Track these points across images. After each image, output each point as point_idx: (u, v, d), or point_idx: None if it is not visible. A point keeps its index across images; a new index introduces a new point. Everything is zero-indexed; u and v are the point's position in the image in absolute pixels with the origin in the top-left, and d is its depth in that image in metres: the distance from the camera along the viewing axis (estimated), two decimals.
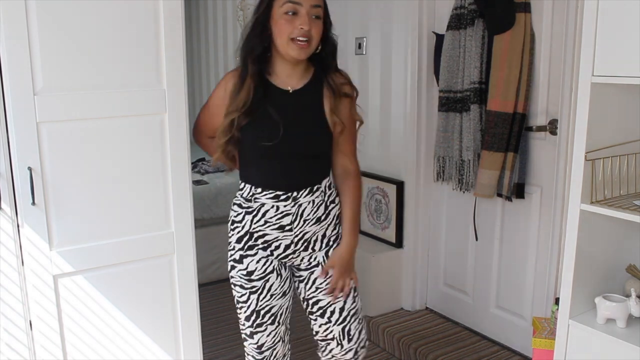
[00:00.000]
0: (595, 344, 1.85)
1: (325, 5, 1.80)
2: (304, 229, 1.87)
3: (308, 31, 1.71)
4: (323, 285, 1.93)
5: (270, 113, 1.77)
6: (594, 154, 1.78)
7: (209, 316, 3.27)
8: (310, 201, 1.85)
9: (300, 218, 1.85)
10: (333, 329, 1.95)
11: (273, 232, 1.86)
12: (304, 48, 1.73)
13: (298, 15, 1.71)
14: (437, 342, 2.94)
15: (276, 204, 1.84)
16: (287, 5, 1.70)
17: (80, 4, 1.78)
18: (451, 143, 2.88)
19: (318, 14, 1.74)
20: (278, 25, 1.73)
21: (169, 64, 1.95)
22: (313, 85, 1.84)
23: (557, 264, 2.58)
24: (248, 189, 1.88)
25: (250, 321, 1.92)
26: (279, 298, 1.91)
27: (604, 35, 1.71)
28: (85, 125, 1.87)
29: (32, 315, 1.88)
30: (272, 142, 1.76)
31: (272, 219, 1.85)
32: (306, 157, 1.84)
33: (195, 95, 5.32)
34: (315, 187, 1.86)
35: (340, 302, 1.93)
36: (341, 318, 1.94)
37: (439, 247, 3.22)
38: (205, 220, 3.75)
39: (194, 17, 5.17)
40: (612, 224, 1.87)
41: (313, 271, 1.93)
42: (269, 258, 1.90)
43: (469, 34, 2.70)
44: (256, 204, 1.86)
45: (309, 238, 1.89)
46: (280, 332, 1.96)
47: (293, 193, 1.83)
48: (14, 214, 1.81)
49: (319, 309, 1.95)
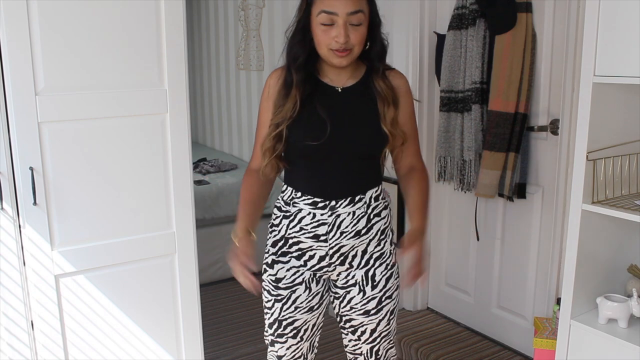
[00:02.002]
0: (596, 344, 1.85)
1: (371, 4, 1.66)
2: (341, 241, 1.73)
3: (345, 42, 1.58)
4: (358, 307, 1.80)
5: (318, 111, 1.66)
6: (595, 154, 1.78)
7: (210, 316, 3.27)
8: (350, 212, 1.71)
9: (337, 229, 1.72)
10: (362, 347, 1.86)
11: (307, 241, 1.74)
12: (345, 56, 1.62)
13: (334, 26, 1.58)
14: (438, 342, 2.94)
15: (313, 211, 1.72)
16: (322, 15, 1.58)
17: (81, 5, 1.78)
18: (452, 143, 2.87)
19: (358, 20, 1.60)
20: (316, 34, 1.62)
21: (171, 64, 1.95)
22: (364, 84, 1.72)
23: (558, 264, 2.58)
24: (289, 192, 1.77)
25: (272, 329, 1.83)
26: (303, 312, 1.79)
27: (605, 36, 1.71)
28: (87, 125, 1.87)
29: (34, 315, 1.89)
30: (319, 142, 1.64)
31: (307, 226, 1.73)
32: (351, 161, 1.71)
33: (197, 95, 5.32)
34: (358, 198, 1.72)
35: (373, 324, 1.81)
36: (371, 338, 1.84)
37: (440, 247, 3.22)
38: (206, 221, 3.75)
39: (195, 17, 5.17)
40: (614, 224, 1.87)
41: (349, 290, 1.79)
42: (300, 269, 1.77)
43: (470, 34, 2.70)
44: (294, 209, 1.74)
45: (347, 252, 1.75)
46: (303, 349, 1.85)
47: (331, 202, 1.70)
48: (16, 214, 1.81)
49: (351, 327, 1.85)
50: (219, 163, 4.30)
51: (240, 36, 4.41)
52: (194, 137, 4.90)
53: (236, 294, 3.72)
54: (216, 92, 5.00)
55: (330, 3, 1.56)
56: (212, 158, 4.49)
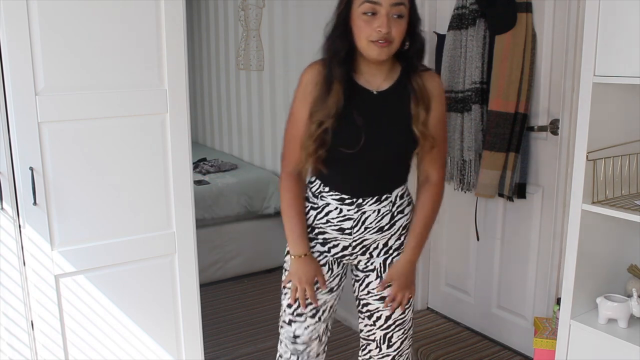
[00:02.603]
0: (596, 344, 1.85)
1: (412, 1, 1.66)
2: (364, 236, 1.80)
3: (387, 33, 1.58)
4: (375, 292, 1.87)
5: (354, 117, 1.68)
6: (595, 154, 1.78)
7: (210, 316, 3.27)
8: (376, 210, 1.77)
9: (362, 225, 1.78)
10: (376, 332, 1.91)
11: (333, 232, 1.81)
12: (384, 47, 1.61)
13: (377, 16, 1.58)
14: (438, 342, 2.94)
15: (340, 206, 1.77)
16: (365, 5, 1.58)
17: (81, 5, 1.78)
18: (452, 143, 2.87)
19: (400, 12, 1.60)
20: (357, 25, 1.61)
21: (171, 64, 1.95)
22: (399, 86, 1.72)
23: (558, 264, 2.58)
24: (317, 185, 1.81)
25: (291, 309, 1.86)
26: (324, 292, 1.85)
27: (605, 36, 1.71)
28: (87, 125, 1.87)
29: (34, 315, 1.89)
30: (352, 150, 1.68)
31: (334, 219, 1.79)
32: (382, 163, 1.75)
33: (197, 95, 5.32)
34: (384, 197, 1.78)
35: (387, 311, 1.87)
36: (385, 325, 1.89)
37: (440, 247, 3.22)
38: (206, 220, 3.75)
39: (195, 17, 5.17)
40: (614, 224, 1.87)
41: (368, 274, 1.87)
42: (324, 253, 1.84)
43: (470, 34, 2.70)
44: (322, 202, 1.79)
45: (369, 245, 1.83)
46: (319, 330, 1.89)
47: (358, 200, 1.76)
48: (16, 214, 1.81)
49: (367, 312, 1.90)
50: (219, 163, 4.29)
51: (240, 36, 4.41)
52: (194, 137, 4.89)
53: (236, 294, 3.73)
54: (216, 92, 5.00)
55: None
56: (212, 158, 4.49)
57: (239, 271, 3.95)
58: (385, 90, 1.72)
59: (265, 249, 3.97)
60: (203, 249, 3.20)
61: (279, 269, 3.92)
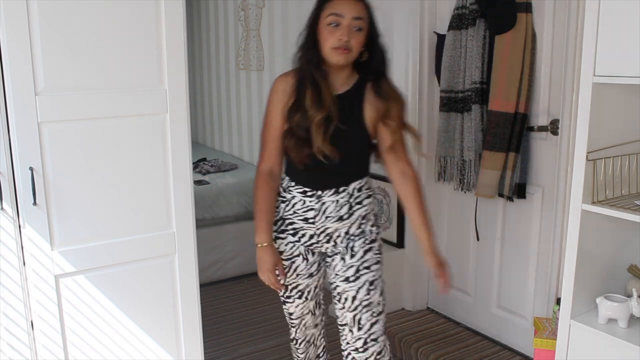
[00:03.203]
0: (596, 344, 1.85)
1: (371, 16, 1.92)
2: (325, 224, 2.01)
3: (347, 42, 1.84)
4: (340, 273, 2.05)
5: None
6: (595, 154, 1.78)
7: (210, 316, 3.27)
8: (334, 201, 1.99)
9: (323, 214, 2.00)
10: (346, 315, 2.06)
11: (299, 222, 2.03)
12: (344, 54, 1.86)
13: (340, 27, 1.85)
14: (438, 342, 2.94)
15: (303, 198, 2.01)
16: (331, 17, 1.85)
17: (81, 4, 1.78)
18: (452, 143, 2.88)
19: (359, 26, 1.86)
20: (322, 36, 1.87)
21: (171, 64, 1.95)
22: (355, 90, 1.96)
23: (558, 264, 2.58)
24: (286, 181, 2.05)
25: (281, 292, 2.15)
26: (305, 278, 2.10)
27: (605, 36, 1.71)
28: (87, 125, 1.87)
29: (34, 315, 1.89)
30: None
31: (299, 210, 2.02)
32: (339, 160, 1.93)
33: (197, 95, 5.33)
34: (342, 189, 1.99)
35: (352, 291, 2.03)
36: (353, 306, 2.04)
37: (440, 247, 3.21)
38: (206, 221, 3.75)
39: (196, 17, 5.17)
40: (614, 224, 1.87)
41: (334, 258, 2.07)
42: (295, 244, 2.06)
43: (470, 34, 2.70)
44: (289, 195, 2.03)
45: (331, 233, 2.03)
46: (309, 306, 2.19)
47: (317, 192, 1.98)
48: (16, 214, 1.81)
49: (337, 294, 2.08)
50: (219, 163, 4.30)
51: (240, 36, 4.41)
52: (194, 137, 4.90)
53: (236, 294, 3.72)
54: (216, 92, 5.00)
55: (339, 7, 1.85)
56: (212, 158, 4.49)
57: (239, 271, 3.95)
58: (342, 93, 1.95)
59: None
60: (203, 249, 3.20)
61: None
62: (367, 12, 1.90)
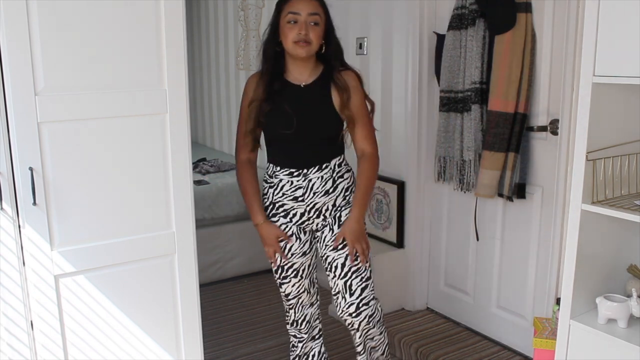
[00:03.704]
0: (596, 344, 1.85)
1: (326, 11, 2.14)
2: (314, 200, 2.22)
3: (306, 35, 2.07)
4: (329, 243, 2.25)
5: (285, 107, 2.14)
6: (595, 154, 1.78)
7: (210, 316, 3.28)
8: (319, 177, 2.20)
9: (310, 191, 2.21)
10: (338, 283, 2.26)
11: (289, 202, 2.23)
12: (305, 47, 2.09)
13: (297, 23, 2.08)
14: (438, 342, 2.95)
15: (290, 179, 2.21)
16: (289, 15, 2.09)
17: (81, 4, 1.78)
18: (452, 143, 2.88)
19: (315, 20, 2.09)
20: (283, 32, 2.11)
21: (170, 64, 1.95)
22: (321, 80, 2.19)
23: (558, 264, 2.58)
24: (271, 167, 2.26)
25: (277, 274, 2.34)
26: (299, 257, 2.30)
27: (604, 36, 1.71)
28: (86, 125, 1.87)
29: (34, 315, 1.89)
30: (289, 130, 2.14)
31: (288, 191, 2.22)
32: (316, 140, 2.19)
33: (196, 95, 5.32)
34: (324, 165, 2.21)
35: (341, 258, 2.23)
36: (342, 273, 2.24)
37: (440, 247, 3.22)
38: (206, 220, 3.75)
39: (195, 17, 5.17)
40: (613, 224, 1.87)
41: (323, 231, 2.28)
42: (288, 224, 2.27)
43: (470, 34, 2.70)
44: (276, 179, 2.24)
45: (320, 207, 2.24)
46: (305, 285, 2.37)
47: (303, 170, 2.19)
48: (15, 214, 1.81)
49: (328, 265, 2.27)
50: (218, 163, 4.30)
51: (240, 36, 4.41)
52: (194, 137, 4.90)
53: (236, 294, 3.73)
54: (216, 92, 5.00)
55: (295, 6, 2.08)
56: (211, 158, 4.49)
57: (239, 271, 3.95)
58: (309, 84, 2.19)
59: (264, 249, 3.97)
60: (203, 249, 3.21)
61: None
62: (322, 8, 2.12)
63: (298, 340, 2.50)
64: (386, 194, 3.31)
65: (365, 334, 2.33)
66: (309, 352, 2.53)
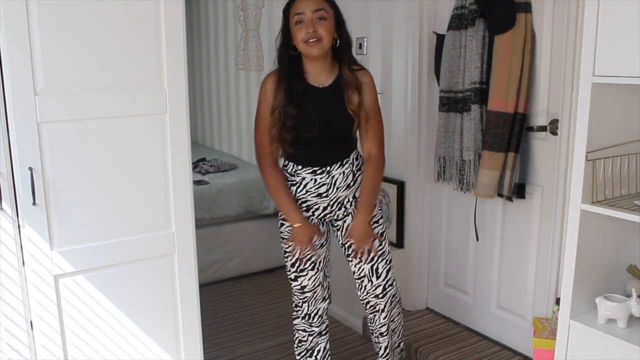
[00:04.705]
0: (596, 344, 1.85)
1: (332, 5, 2.15)
2: (337, 194, 2.27)
3: (314, 32, 2.07)
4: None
5: (309, 110, 2.16)
6: (594, 154, 1.78)
7: (209, 316, 3.27)
8: (341, 172, 2.25)
9: (334, 186, 2.25)
10: (364, 267, 2.34)
11: (313, 199, 2.27)
12: (316, 44, 2.09)
13: (304, 23, 2.09)
14: (438, 342, 2.94)
15: (314, 177, 2.24)
16: (295, 17, 2.11)
17: (81, 4, 1.78)
18: (452, 143, 2.88)
19: (321, 15, 2.09)
20: (294, 34, 2.12)
21: (170, 64, 1.95)
22: (338, 81, 2.21)
23: (557, 264, 2.58)
24: (291, 166, 2.27)
25: (294, 267, 2.36)
26: (317, 249, 2.34)
27: (604, 36, 1.71)
28: (86, 125, 1.87)
29: (33, 315, 1.89)
30: (311, 135, 2.17)
31: (311, 188, 2.25)
32: (336, 142, 2.24)
33: (196, 95, 5.32)
34: (345, 161, 2.25)
35: (367, 246, 2.30)
36: (369, 257, 2.32)
37: (439, 247, 3.22)
38: (206, 220, 3.75)
39: (195, 17, 5.17)
40: (613, 224, 1.87)
41: (345, 220, 2.34)
42: (310, 217, 2.32)
43: (469, 34, 2.70)
44: (298, 178, 2.25)
45: (342, 200, 2.30)
46: (320, 278, 2.41)
47: (327, 168, 2.23)
48: (15, 214, 1.81)
49: (353, 251, 2.33)
50: (218, 163, 4.29)
51: (239, 36, 4.41)
52: (193, 137, 4.89)
53: (236, 294, 3.73)
54: (216, 92, 5.00)
55: (299, 7, 2.10)
56: (211, 158, 4.49)
57: (239, 271, 3.95)
58: (329, 85, 2.21)
59: (264, 249, 3.97)
60: (203, 249, 3.20)
61: (278, 269, 3.93)
62: (327, 2, 2.13)
63: (308, 334, 2.51)
64: (386, 194, 3.31)
65: (389, 315, 2.41)
66: (315, 347, 2.54)
